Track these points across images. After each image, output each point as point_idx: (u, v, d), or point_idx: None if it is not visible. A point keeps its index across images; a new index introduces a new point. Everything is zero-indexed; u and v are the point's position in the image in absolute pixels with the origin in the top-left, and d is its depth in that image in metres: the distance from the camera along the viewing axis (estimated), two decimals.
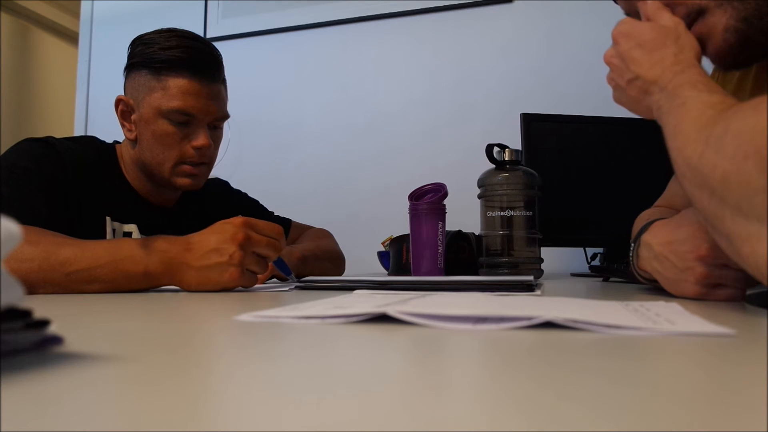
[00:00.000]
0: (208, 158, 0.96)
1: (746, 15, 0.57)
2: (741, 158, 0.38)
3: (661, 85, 0.54)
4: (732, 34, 0.57)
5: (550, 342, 0.28)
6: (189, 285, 0.68)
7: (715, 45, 0.59)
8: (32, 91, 3.19)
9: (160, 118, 0.90)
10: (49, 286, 0.65)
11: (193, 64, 0.90)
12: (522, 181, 0.97)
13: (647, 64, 0.57)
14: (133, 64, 0.93)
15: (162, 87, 0.90)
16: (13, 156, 0.84)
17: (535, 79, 1.67)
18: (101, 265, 0.65)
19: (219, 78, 0.95)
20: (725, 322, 0.32)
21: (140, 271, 0.66)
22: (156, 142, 0.91)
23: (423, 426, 0.14)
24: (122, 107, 0.94)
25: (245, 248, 0.68)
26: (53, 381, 0.19)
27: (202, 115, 0.92)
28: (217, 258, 0.67)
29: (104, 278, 0.65)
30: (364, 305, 0.37)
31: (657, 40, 0.57)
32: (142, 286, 0.68)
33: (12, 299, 0.21)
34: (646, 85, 0.56)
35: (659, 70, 0.55)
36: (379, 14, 1.83)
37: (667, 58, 0.55)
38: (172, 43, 0.91)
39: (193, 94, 0.90)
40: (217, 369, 0.22)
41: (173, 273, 0.67)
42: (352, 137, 1.84)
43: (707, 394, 0.18)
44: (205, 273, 0.67)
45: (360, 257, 1.44)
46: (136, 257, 0.66)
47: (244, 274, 0.68)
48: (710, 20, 0.58)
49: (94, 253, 0.66)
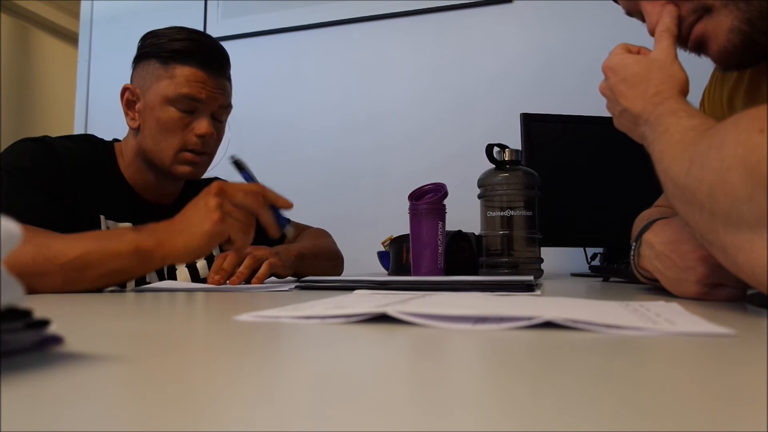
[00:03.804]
0: (210, 148, 0.97)
1: (750, 17, 0.57)
2: (725, 170, 0.39)
3: (644, 117, 0.57)
4: (737, 35, 0.57)
5: (550, 342, 0.28)
6: (178, 249, 0.69)
7: (719, 45, 0.59)
8: (32, 92, 3.19)
9: (166, 104, 0.92)
10: (46, 279, 0.65)
11: (201, 56, 0.93)
12: (522, 181, 0.97)
13: (631, 97, 0.59)
14: (142, 54, 0.95)
15: (170, 75, 0.92)
16: (9, 156, 0.84)
17: (535, 79, 1.67)
18: (92, 251, 0.66)
19: (225, 73, 0.98)
20: (725, 322, 0.32)
21: (131, 249, 0.67)
22: (159, 128, 0.92)
23: (423, 426, 0.14)
24: (128, 95, 0.96)
25: (221, 197, 0.71)
26: (53, 381, 0.19)
27: (207, 101, 0.93)
28: (195, 213, 0.71)
29: (96, 263, 0.66)
30: (364, 305, 0.37)
31: (640, 75, 0.59)
32: (136, 268, 0.69)
33: (12, 299, 0.21)
34: (633, 118, 0.59)
35: (641, 104, 0.58)
36: (379, 14, 1.83)
37: (649, 90, 0.58)
38: (182, 35, 0.94)
39: (200, 82, 0.93)
40: (217, 369, 0.22)
41: (163, 244, 0.69)
42: (352, 137, 1.84)
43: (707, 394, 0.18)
44: (189, 229, 0.70)
45: (360, 257, 1.44)
46: (126, 237, 0.69)
47: (226, 220, 0.70)
48: (715, 19, 0.58)
49: (85, 241, 0.68)
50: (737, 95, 0.74)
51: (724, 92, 0.76)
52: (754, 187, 0.36)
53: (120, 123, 0.99)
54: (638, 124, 0.58)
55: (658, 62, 0.59)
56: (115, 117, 0.97)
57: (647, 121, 0.56)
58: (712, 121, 0.47)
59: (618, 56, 0.63)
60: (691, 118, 0.50)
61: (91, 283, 0.67)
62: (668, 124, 0.51)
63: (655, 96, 0.56)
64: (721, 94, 0.77)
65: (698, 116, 0.50)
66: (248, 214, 0.73)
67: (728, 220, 0.39)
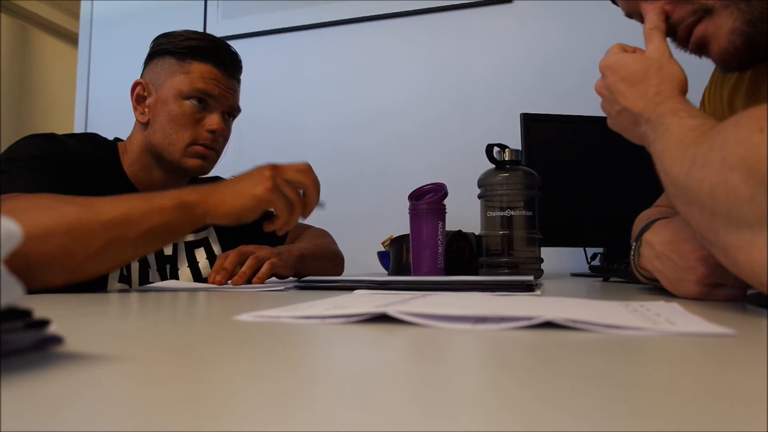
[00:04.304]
0: (219, 146, 0.98)
1: (752, 18, 0.57)
2: (726, 170, 0.39)
3: (645, 117, 0.56)
4: (738, 36, 0.57)
5: (550, 342, 0.28)
6: (224, 205, 0.70)
7: (720, 46, 0.59)
8: (32, 92, 3.19)
9: (180, 99, 0.93)
10: (90, 239, 0.63)
11: (217, 54, 0.95)
12: (522, 181, 0.97)
13: (632, 97, 0.59)
14: (157, 51, 0.97)
15: (185, 71, 0.94)
16: (20, 148, 0.83)
17: (535, 79, 1.67)
18: (135, 207, 0.66)
19: (237, 75, 1.00)
20: (725, 322, 0.32)
21: (175, 203, 0.67)
22: (171, 122, 0.93)
23: (423, 426, 0.14)
24: (139, 90, 0.97)
25: (274, 171, 0.73)
26: (53, 381, 0.19)
27: (220, 99, 0.95)
28: (248, 178, 0.72)
29: (140, 218, 0.65)
30: (364, 305, 0.37)
31: (639, 73, 0.59)
32: (181, 221, 0.69)
33: (12, 299, 0.21)
34: (634, 117, 0.58)
35: (642, 104, 0.57)
36: (379, 14, 1.83)
37: (649, 90, 0.57)
38: (197, 36, 0.97)
39: (215, 80, 0.94)
40: (217, 369, 0.22)
41: (207, 197, 0.70)
42: (351, 137, 1.84)
43: (707, 394, 0.18)
44: (238, 189, 0.71)
45: (360, 257, 1.44)
46: (170, 193, 0.69)
47: (275, 191, 0.71)
48: (716, 21, 0.58)
49: (128, 200, 0.68)
50: (738, 95, 0.74)
51: (724, 92, 0.76)
52: (754, 187, 0.36)
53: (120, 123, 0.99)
54: (638, 123, 0.58)
55: (656, 61, 0.59)
56: (115, 117, 0.97)
57: (648, 120, 0.55)
58: (713, 121, 0.47)
59: (616, 55, 0.62)
60: (692, 118, 0.50)
61: (134, 243, 0.66)
62: (669, 123, 0.51)
63: (656, 95, 0.56)
64: (721, 94, 0.77)
65: (699, 116, 0.50)
66: (297, 193, 0.74)
67: (729, 220, 0.39)
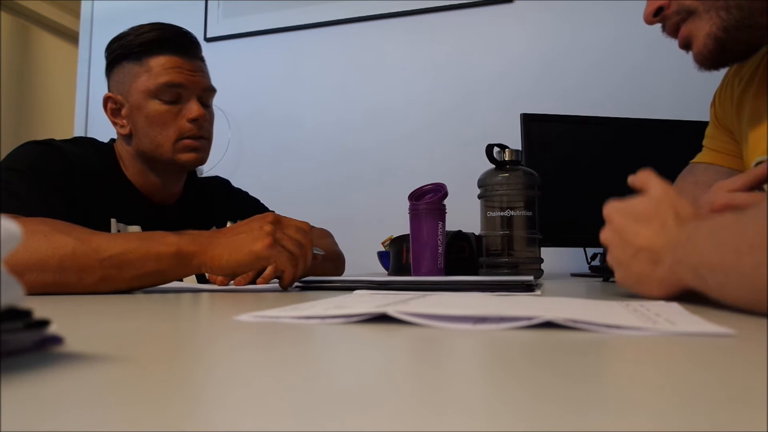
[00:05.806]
0: (206, 132, 0.96)
1: (728, 26, 0.62)
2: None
3: (674, 242, 0.50)
4: (712, 40, 0.64)
5: (550, 342, 0.28)
6: (221, 258, 0.69)
7: (697, 48, 0.66)
8: (32, 91, 3.19)
9: (150, 99, 0.91)
10: (84, 274, 0.64)
11: (170, 43, 0.93)
12: (522, 181, 0.97)
13: (650, 233, 0.52)
14: (112, 60, 0.96)
15: (146, 70, 0.92)
16: (18, 157, 0.83)
17: (535, 79, 1.67)
18: (133, 249, 0.65)
19: (198, 54, 0.97)
20: (725, 322, 0.32)
21: (172, 251, 0.67)
22: (151, 125, 0.92)
23: (423, 426, 0.14)
24: (111, 105, 0.96)
25: (276, 225, 0.71)
26: (53, 381, 0.19)
27: (190, 86, 0.93)
28: (248, 232, 0.71)
29: (135, 262, 0.65)
30: (364, 305, 0.37)
31: (651, 210, 0.54)
32: (175, 270, 0.68)
33: (12, 299, 0.21)
34: (654, 255, 0.51)
35: (664, 237, 0.51)
36: (379, 14, 1.83)
37: (668, 221, 0.52)
38: (146, 29, 0.94)
39: (177, 68, 0.92)
40: (217, 369, 0.22)
41: (205, 249, 0.69)
42: (352, 137, 1.84)
43: (707, 394, 0.18)
44: (237, 244, 0.69)
45: (360, 257, 1.44)
46: (168, 239, 0.68)
47: (275, 247, 0.70)
48: (697, 23, 0.65)
49: (125, 240, 0.68)
50: (746, 98, 0.77)
51: (734, 94, 0.80)
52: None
53: None
54: (659, 261, 0.51)
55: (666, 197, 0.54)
56: None
57: (678, 244, 0.49)
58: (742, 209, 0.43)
59: (617, 201, 0.58)
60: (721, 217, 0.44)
61: (127, 283, 0.66)
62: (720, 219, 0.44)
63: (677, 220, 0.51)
64: (731, 96, 0.81)
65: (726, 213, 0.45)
66: (299, 246, 0.73)
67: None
